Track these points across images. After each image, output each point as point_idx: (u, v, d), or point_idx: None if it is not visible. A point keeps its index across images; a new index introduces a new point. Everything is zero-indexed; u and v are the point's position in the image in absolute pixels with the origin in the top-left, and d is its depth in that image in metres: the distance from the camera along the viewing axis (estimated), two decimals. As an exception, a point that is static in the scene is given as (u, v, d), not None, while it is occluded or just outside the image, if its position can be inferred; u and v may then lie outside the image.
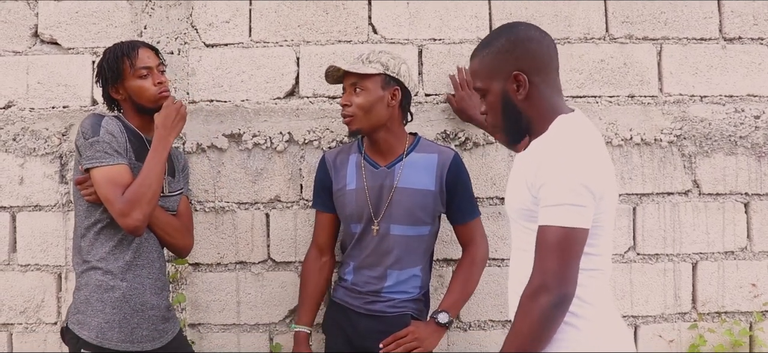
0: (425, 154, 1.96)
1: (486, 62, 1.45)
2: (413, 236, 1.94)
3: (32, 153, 2.23)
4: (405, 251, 1.93)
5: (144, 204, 1.74)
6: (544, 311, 1.28)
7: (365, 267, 1.96)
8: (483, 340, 2.27)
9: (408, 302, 1.96)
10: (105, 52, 1.88)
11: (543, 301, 1.28)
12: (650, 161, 2.28)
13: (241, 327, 2.26)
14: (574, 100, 2.27)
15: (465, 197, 1.98)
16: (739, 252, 2.31)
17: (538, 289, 1.29)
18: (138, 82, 1.84)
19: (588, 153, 1.35)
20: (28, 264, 2.24)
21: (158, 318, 1.86)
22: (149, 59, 1.87)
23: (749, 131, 2.29)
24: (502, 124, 1.48)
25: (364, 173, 1.96)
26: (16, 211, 2.24)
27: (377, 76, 1.87)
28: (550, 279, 1.28)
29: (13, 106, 2.25)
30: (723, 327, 2.30)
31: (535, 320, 1.29)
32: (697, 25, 2.30)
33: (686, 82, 2.30)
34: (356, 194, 1.95)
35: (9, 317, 2.25)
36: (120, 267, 1.80)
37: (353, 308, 1.97)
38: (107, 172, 1.74)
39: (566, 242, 1.28)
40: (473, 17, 2.27)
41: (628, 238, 2.29)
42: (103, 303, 1.78)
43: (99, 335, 1.76)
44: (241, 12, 2.25)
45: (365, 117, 1.87)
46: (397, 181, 1.92)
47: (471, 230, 2.01)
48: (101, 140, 1.76)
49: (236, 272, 2.26)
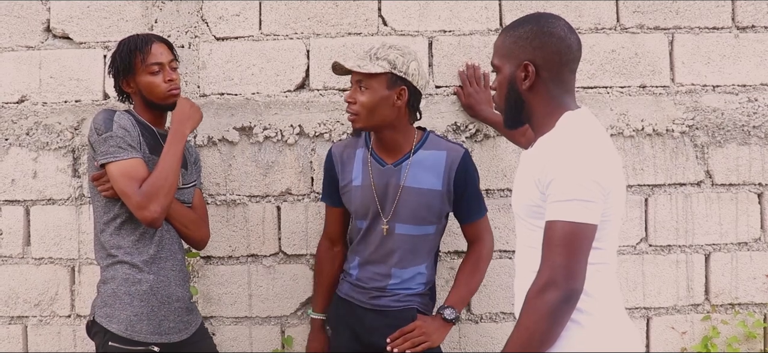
0: (434, 151, 1.91)
1: (507, 43, 1.46)
2: (418, 236, 1.91)
3: (45, 147, 2.25)
4: (409, 250, 1.91)
5: (161, 197, 1.74)
6: (552, 307, 1.27)
7: (370, 264, 1.94)
8: (494, 332, 2.27)
9: (413, 296, 1.94)
10: (119, 44, 1.89)
11: (551, 297, 1.27)
12: (662, 152, 2.27)
13: (253, 320, 2.27)
14: (585, 91, 2.26)
15: (473, 197, 1.94)
16: (752, 243, 2.30)
17: (546, 285, 1.28)
18: (149, 78, 1.85)
19: (596, 148, 1.34)
20: (42, 258, 2.26)
21: (183, 310, 1.88)
22: (162, 55, 1.86)
23: (762, 121, 2.27)
24: (503, 105, 1.50)
25: (370, 170, 1.92)
26: (30, 205, 2.26)
27: (383, 75, 1.79)
28: (559, 274, 1.27)
29: (26, 100, 2.27)
30: (736, 318, 2.28)
31: (542, 316, 1.28)
32: (709, 14, 2.29)
33: (698, 71, 2.29)
34: (362, 192, 1.92)
35: (24, 310, 2.27)
36: (145, 260, 1.81)
37: (359, 303, 1.95)
38: (122, 166, 1.75)
39: (575, 237, 1.28)
40: (483, 9, 2.26)
41: (641, 229, 2.28)
42: (130, 296, 1.78)
43: (128, 328, 1.76)
44: (251, 5, 2.26)
45: (369, 116, 1.82)
46: (404, 180, 1.88)
47: (477, 228, 1.99)
48: (114, 134, 1.76)
49: (248, 265, 2.27)
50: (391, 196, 1.89)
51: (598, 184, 1.29)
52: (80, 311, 2.26)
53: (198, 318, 1.96)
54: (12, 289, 2.27)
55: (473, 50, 2.24)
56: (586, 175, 1.29)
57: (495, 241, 2.24)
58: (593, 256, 1.34)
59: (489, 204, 2.24)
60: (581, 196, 1.28)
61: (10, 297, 2.27)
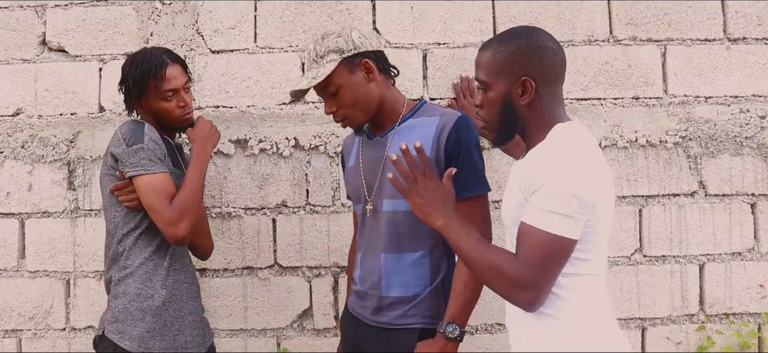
0: (425, 118, 1.68)
1: (498, 59, 1.43)
2: (406, 212, 1.61)
3: (40, 160, 2.25)
4: (397, 230, 1.65)
5: (191, 215, 1.75)
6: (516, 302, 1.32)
7: (366, 255, 1.74)
8: (491, 344, 2.27)
9: (417, 306, 1.66)
10: (131, 62, 1.83)
11: (523, 297, 1.31)
12: (656, 163, 2.28)
13: (249, 333, 2.27)
14: (578, 102, 2.27)
15: (468, 166, 1.62)
16: (746, 253, 2.31)
17: (521, 284, 1.30)
18: (162, 104, 1.82)
19: (582, 162, 1.34)
20: (37, 271, 2.26)
21: (197, 323, 1.86)
22: (176, 80, 1.82)
23: (755, 131, 2.28)
24: (495, 123, 1.46)
25: (361, 148, 1.77)
26: (25, 218, 2.26)
27: (339, 67, 1.63)
28: (532, 279, 1.30)
29: (21, 113, 2.27)
30: (731, 328, 2.29)
31: (500, 292, 1.34)
32: (701, 26, 2.31)
33: (691, 83, 2.30)
34: (353, 172, 1.77)
35: (18, 323, 2.26)
36: (159, 273, 1.78)
37: (361, 318, 1.75)
38: (152, 180, 1.73)
39: (551, 247, 1.29)
40: (477, 21, 2.28)
41: (635, 240, 2.29)
42: (143, 311, 1.75)
43: (141, 344, 1.73)
44: (247, 18, 2.27)
45: (358, 110, 1.66)
46: (388, 149, 1.67)
47: (472, 208, 1.63)
48: (146, 147, 1.74)
49: (243, 277, 2.27)
50: (376, 171, 1.70)
51: (578, 199, 1.29)
52: (75, 324, 2.26)
53: (211, 334, 1.95)
54: (6, 302, 2.26)
55: (467, 63, 2.25)
56: (569, 189, 1.29)
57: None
58: (584, 267, 1.35)
59: (484, 216, 2.24)
60: (563, 210, 1.29)
61: (4, 311, 2.26)
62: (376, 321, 1.70)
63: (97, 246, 2.23)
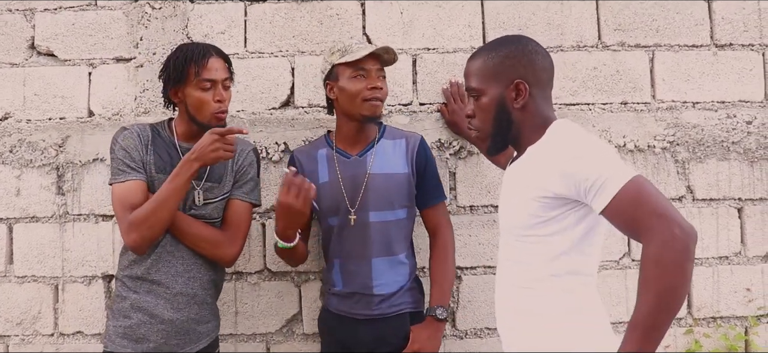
0: (393, 140, 1.99)
1: (489, 65, 1.44)
2: (392, 221, 1.92)
3: (29, 165, 2.24)
4: (386, 237, 1.91)
5: (144, 228, 1.71)
6: (682, 257, 1.16)
7: (350, 261, 1.92)
8: (479, 348, 2.27)
9: (403, 295, 1.93)
10: (175, 50, 1.83)
11: (679, 246, 1.16)
12: (644, 168, 2.30)
13: (238, 337, 2.26)
14: (567, 107, 2.29)
15: (433, 180, 2.00)
16: (733, 257, 2.32)
17: (667, 242, 1.17)
18: (199, 93, 1.78)
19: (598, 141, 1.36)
20: (25, 276, 2.25)
21: (171, 333, 1.81)
22: (217, 72, 1.79)
23: (741, 137, 2.31)
24: (489, 129, 1.47)
25: (336, 165, 1.95)
26: (13, 223, 2.25)
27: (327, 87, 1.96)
28: (671, 214, 1.19)
29: (9, 118, 2.26)
30: (718, 332, 2.31)
31: (678, 273, 1.16)
32: (688, 32, 2.33)
33: (678, 88, 2.32)
34: (330, 187, 1.93)
35: (6, 329, 2.25)
36: (132, 279, 1.83)
37: (349, 315, 1.93)
38: (117, 189, 1.77)
39: (645, 189, 1.22)
40: (467, 27, 2.29)
41: (623, 244, 2.30)
42: (114, 312, 1.83)
43: (109, 342, 1.80)
44: (237, 23, 2.27)
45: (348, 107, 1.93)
46: (370, 167, 1.92)
47: (438, 213, 2.01)
48: (115, 156, 1.80)
49: (233, 282, 2.26)
50: (358, 186, 1.92)
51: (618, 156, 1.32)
52: (63, 329, 2.24)
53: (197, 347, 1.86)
54: (-6, 308, 2.25)
55: (457, 68, 2.26)
56: (608, 152, 1.31)
57: (479, 257, 2.26)
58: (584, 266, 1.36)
59: (473, 221, 2.26)
60: (619, 163, 1.27)
61: (-8, 316, 2.25)
62: (367, 315, 1.91)
63: (85, 251, 2.22)
